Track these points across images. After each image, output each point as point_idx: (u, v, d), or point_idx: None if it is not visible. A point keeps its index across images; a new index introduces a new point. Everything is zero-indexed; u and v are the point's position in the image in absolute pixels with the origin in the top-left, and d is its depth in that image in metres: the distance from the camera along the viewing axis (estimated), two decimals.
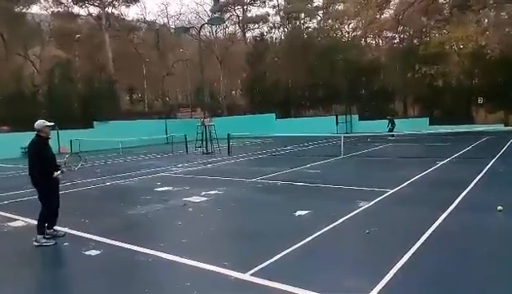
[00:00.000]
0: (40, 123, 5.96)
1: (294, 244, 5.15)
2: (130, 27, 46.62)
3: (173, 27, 48.40)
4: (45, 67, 37.05)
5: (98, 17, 43.19)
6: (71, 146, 26.71)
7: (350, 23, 41.76)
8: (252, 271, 4.35)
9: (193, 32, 41.33)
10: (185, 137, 22.13)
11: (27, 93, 30.34)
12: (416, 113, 37.33)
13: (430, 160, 12.97)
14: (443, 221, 5.98)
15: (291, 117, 37.15)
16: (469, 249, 4.90)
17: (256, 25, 50.26)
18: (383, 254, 4.83)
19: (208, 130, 20.37)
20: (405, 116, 36.09)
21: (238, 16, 50.20)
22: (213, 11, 47.47)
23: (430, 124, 30.45)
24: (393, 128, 24.81)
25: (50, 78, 32.77)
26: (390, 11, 35.91)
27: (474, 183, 8.88)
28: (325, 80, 36.66)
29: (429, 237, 5.28)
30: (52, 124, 6.11)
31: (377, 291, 3.78)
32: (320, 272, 4.34)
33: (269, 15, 49.30)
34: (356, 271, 4.37)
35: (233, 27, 51.68)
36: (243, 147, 23.24)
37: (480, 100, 30.85)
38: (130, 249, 5.40)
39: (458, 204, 7.00)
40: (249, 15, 50.46)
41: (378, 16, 35.41)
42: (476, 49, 29.52)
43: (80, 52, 41.40)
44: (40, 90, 32.11)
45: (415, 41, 36.13)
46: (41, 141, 5.95)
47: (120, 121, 31.15)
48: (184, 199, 8.61)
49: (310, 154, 17.41)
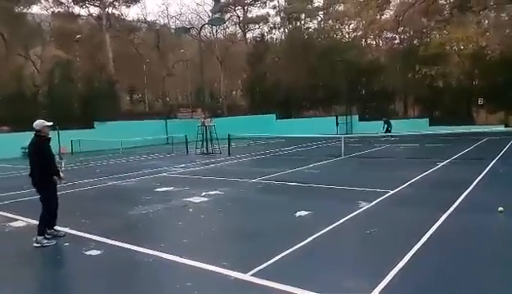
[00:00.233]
0: (40, 123, 5.94)
1: (295, 245, 5.15)
2: (130, 27, 46.64)
3: (174, 27, 48.41)
4: (45, 67, 37.05)
5: (99, 17, 43.22)
6: (71, 146, 26.78)
7: (350, 23, 41.78)
8: (252, 271, 4.35)
9: (193, 32, 41.39)
10: (185, 138, 22.13)
11: (27, 93, 30.35)
12: (416, 113, 37.26)
13: (430, 161, 12.96)
14: (444, 222, 5.98)
15: (291, 117, 37.10)
16: (470, 250, 4.89)
17: (256, 26, 50.38)
18: (383, 255, 4.83)
19: (208, 130, 20.38)
20: (405, 117, 36.08)
21: (238, 17, 50.28)
22: (214, 12, 47.47)
23: (430, 125, 30.45)
24: (390, 129, 24.50)
25: (50, 78, 32.76)
26: (390, 12, 35.91)
27: (475, 184, 8.87)
28: (325, 81, 36.64)
29: (430, 238, 5.28)
30: (51, 124, 6.11)
31: (377, 291, 3.78)
32: (320, 272, 4.35)
33: (269, 15, 49.48)
34: (356, 272, 4.37)
35: (233, 27, 51.83)
36: (243, 147, 23.23)
37: (480, 101, 30.84)
38: (131, 249, 5.41)
39: (459, 205, 6.99)
40: (250, 15, 50.62)
41: (378, 17, 35.39)
42: (476, 50, 29.49)
43: (81, 52, 41.37)
44: (40, 90, 32.12)
45: (416, 41, 36.11)
46: (41, 141, 5.92)
47: (121, 121, 31.14)
48: (184, 200, 8.61)
49: (310, 155, 17.40)
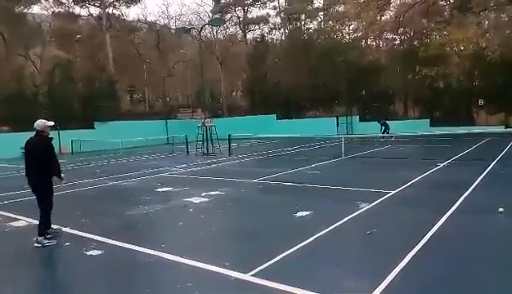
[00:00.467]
0: (41, 124, 5.91)
1: (295, 245, 5.15)
2: (131, 27, 46.67)
3: (174, 28, 48.50)
4: (46, 67, 37.08)
5: (99, 17, 43.25)
6: (72, 146, 26.79)
7: (350, 24, 41.81)
8: (253, 272, 4.36)
9: (194, 33, 41.40)
10: (185, 138, 22.13)
11: (27, 93, 30.32)
12: (417, 114, 37.30)
13: (431, 161, 12.96)
14: (444, 223, 5.98)
15: (292, 118, 37.07)
16: (470, 251, 4.90)
17: (257, 26, 50.40)
18: (384, 256, 4.83)
19: (208, 131, 20.38)
20: (405, 117, 36.10)
21: (239, 17, 50.30)
22: (214, 12, 47.52)
23: (431, 126, 30.46)
24: (388, 130, 24.31)
25: (50, 78, 32.75)
26: (391, 13, 35.90)
27: (475, 185, 8.87)
28: (325, 81, 36.59)
29: (431, 238, 5.28)
30: (53, 124, 6.09)
31: (378, 292, 3.78)
32: (321, 273, 4.35)
33: (270, 16, 49.54)
34: (357, 272, 4.37)
35: (234, 28, 51.83)
36: (244, 148, 23.22)
37: (480, 102, 30.86)
38: (131, 249, 5.41)
39: (459, 206, 6.99)
40: (250, 16, 50.67)
41: (378, 18, 35.38)
42: (476, 51, 29.52)
43: (81, 52, 41.41)
44: (41, 90, 32.09)
45: (416, 42, 36.13)
46: (44, 140, 5.89)
47: (121, 121, 31.12)
48: (185, 200, 8.62)
49: (311, 155, 17.40)
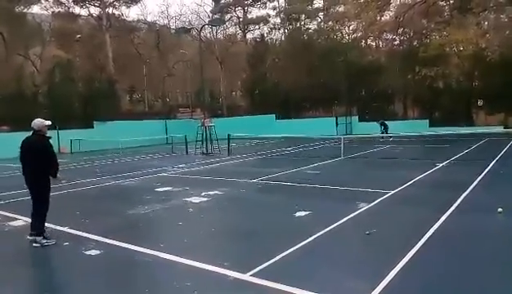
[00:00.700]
0: (39, 123, 5.90)
1: (294, 245, 5.15)
2: (131, 27, 46.59)
3: (174, 28, 48.44)
4: (45, 67, 37.05)
5: (99, 17, 43.23)
6: (71, 146, 26.77)
7: (350, 24, 41.74)
8: (252, 271, 4.35)
9: (193, 33, 41.37)
10: (185, 138, 22.12)
11: (27, 93, 30.33)
12: (416, 114, 37.33)
13: (430, 161, 12.97)
14: (444, 223, 5.98)
15: (291, 118, 37.09)
16: (470, 250, 4.90)
17: (256, 26, 50.43)
18: (383, 255, 4.83)
19: (208, 130, 20.37)
20: (405, 118, 36.10)
21: (238, 17, 50.33)
22: (214, 12, 47.50)
23: (430, 126, 30.46)
24: (387, 130, 24.21)
25: (50, 78, 32.75)
26: (390, 13, 35.88)
27: (475, 184, 8.88)
28: (325, 81, 36.62)
29: (430, 238, 5.28)
30: (50, 123, 6.07)
31: (378, 292, 3.78)
32: (320, 273, 4.34)
33: (269, 16, 49.53)
34: (356, 272, 4.36)
35: (233, 28, 51.83)
36: (243, 148, 23.22)
37: (480, 103, 30.88)
38: (130, 249, 5.40)
39: (459, 205, 7.00)
40: (250, 16, 50.73)
41: (378, 18, 35.36)
42: (476, 51, 29.51)
43: (81, 52, 41.36)
44: (40, 90, 32.12)
45: (416, 43, 36.17)
46: (42, 139, 5.88)
47: (120, 121, 31.10)
48: (184, 199, 8.61)
49: (310, 155, 17.40)
